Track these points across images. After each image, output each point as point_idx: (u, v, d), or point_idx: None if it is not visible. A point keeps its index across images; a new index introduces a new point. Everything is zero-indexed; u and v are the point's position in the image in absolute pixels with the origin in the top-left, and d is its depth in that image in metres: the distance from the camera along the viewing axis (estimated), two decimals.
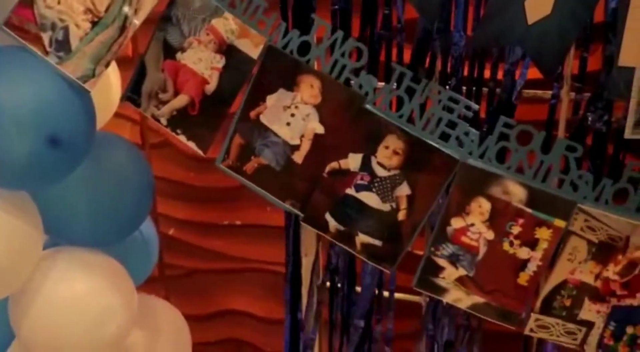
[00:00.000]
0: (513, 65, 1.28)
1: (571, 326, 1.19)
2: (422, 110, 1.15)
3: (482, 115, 1.34)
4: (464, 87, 1.34)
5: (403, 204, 1.19)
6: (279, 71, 1.20)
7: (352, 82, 1.17)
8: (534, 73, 1.27)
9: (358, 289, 1.57)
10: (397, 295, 1.57)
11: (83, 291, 1.33)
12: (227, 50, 1.22)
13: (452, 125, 1.14)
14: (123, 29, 1.21)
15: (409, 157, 1.16)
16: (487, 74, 1.33)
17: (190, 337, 1.64)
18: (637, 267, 1.12)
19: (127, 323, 1.38)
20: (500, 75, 1.30)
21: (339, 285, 1.59)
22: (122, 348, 1.44)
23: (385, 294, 1.56)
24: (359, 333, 1.58)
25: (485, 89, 1.34)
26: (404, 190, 1.19)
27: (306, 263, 1.57)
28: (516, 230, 1.15)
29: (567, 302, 1.17)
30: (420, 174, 1.17)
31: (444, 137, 1.14)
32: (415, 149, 1.16)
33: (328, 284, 1.59)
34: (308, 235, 1.55)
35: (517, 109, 1.32)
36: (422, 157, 1.16)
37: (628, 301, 1.14)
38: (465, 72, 1.34)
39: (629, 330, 1.15)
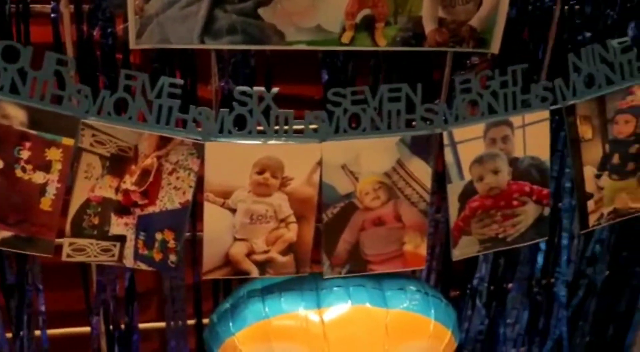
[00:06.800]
0: None
1: (105, 244, 1.18)
2: None
3: None
4: None
5: None
6: None
7: None
8: None
9: None
10: None
11: None
12: None
13: None
14: None
15: None
16: None
17: None
18: (150, 174, 1.14)
19: None
20: None
21: None
22: None
23: None
24: None
25: None
26: None
27: None
28: (25, 155, 1.09)
29: (96, 221, 1.16)
30: None
31: None
32: None
33: None
34: None
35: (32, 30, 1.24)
36: None
37: (150, 209, 1.17)
38: None
39: (158, 236, 1.18)
